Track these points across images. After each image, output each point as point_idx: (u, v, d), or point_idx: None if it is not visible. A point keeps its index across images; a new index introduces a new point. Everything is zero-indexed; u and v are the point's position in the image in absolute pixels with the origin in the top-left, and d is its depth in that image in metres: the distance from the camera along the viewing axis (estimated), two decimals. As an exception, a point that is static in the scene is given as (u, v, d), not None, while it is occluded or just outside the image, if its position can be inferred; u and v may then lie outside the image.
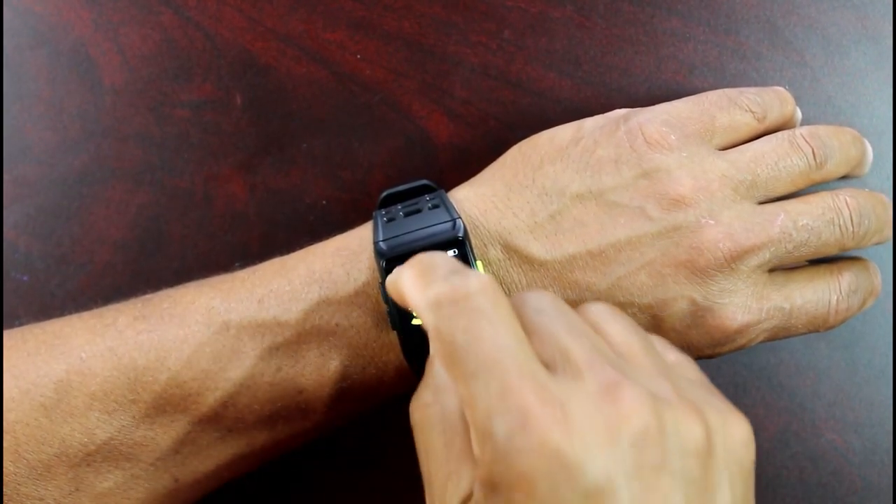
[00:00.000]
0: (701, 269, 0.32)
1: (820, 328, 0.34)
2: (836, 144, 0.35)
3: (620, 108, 0.38)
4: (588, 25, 0.39)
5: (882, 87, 0.39)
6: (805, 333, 0.35)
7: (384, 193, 0.36)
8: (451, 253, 0.32)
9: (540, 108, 0.39)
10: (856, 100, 0.39)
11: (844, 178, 0.36)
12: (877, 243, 0.35)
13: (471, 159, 0.39)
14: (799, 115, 0.37)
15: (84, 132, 0.40)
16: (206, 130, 0.39)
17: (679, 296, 0.32)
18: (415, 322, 0.31)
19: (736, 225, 0.32)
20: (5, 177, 0.40)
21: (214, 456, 0.33)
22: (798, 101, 0.38)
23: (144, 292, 0.35)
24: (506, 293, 0.33)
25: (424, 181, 0.36)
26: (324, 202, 0.40)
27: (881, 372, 0.40)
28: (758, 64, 0.39)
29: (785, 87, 0.38)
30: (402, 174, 0.39)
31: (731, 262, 0.32)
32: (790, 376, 0.40)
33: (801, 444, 0.40)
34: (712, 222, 0.32)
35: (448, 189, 0.35)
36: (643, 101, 0.39)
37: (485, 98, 0.39)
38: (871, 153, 0.37)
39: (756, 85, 0.39)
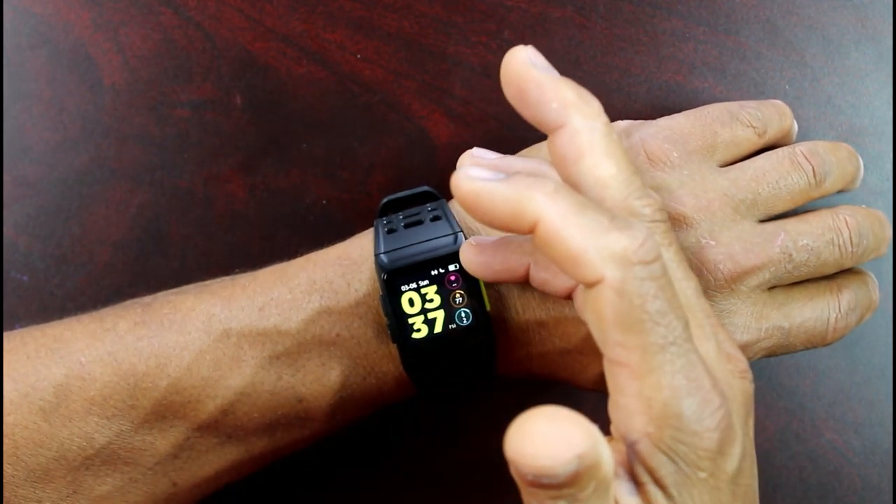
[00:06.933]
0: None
1: (818, 345, 0.34)
2: (834, 161, 0.35)
3: (620, 107, 0.38)
4: (588, 25, 0.39)
5: (882, 87, 0.39)
6: (803, 350, 0.35)
7: (384, 200, 0.36)
8: (452, 268, 0.32)
9: (540, 108, 0.39)
10: (856, 100, 0.39)
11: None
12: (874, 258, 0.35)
13: (471, 159, 0.39)
14: (795, 127, 0.37)
15: (84, 132, 0.39)
16: (206, 130, 0.39)
17: None
18: (415, 336, 0.31)
19: (736, 246, 0.32)
20: (5, 177, 0.39)
21: (213, 461, 0.33)
22: (798, 101, 0.38)
23: (144, 292, 0.35)
24: (506, 309, 0.33)
25: (425, 188, 0.36)
26: (324, 202, 0.40)
27: (881, 372, 0.40)
28: (758, 64, 0.39)
29: (785, 88, 0.38)
30: (402, 174, 0.39)
31: (732, 282, 0.32)
32: (790, 376, 0.40)
33: (801, 444, 0.40)
34: (713, 243, 0.32)
35: (447, 192, 0.35)
36: (643, 100, 0.39)
37: (485, 98, 0.39)
38: (863, 168, 0.37)
39: (756, 85, 0.38)
